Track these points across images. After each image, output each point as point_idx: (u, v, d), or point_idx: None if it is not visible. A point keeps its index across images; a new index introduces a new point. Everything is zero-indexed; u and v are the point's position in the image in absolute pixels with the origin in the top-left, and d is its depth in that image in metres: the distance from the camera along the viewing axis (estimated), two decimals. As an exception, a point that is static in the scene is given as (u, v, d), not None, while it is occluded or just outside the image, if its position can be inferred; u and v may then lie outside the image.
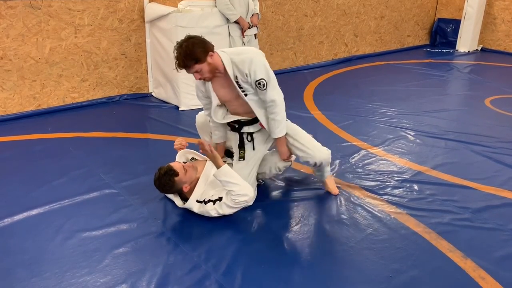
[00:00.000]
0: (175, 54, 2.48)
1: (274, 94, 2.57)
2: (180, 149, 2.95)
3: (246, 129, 2.76)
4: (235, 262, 2.25)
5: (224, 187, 2.54)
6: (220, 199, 2.55)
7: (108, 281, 2.11)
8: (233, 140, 2.85)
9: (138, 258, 2.27)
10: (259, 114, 2.66)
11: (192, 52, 2.42)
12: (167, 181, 2.55)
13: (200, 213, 2.60)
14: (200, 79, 2.55)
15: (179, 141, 2.97)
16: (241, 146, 2.78)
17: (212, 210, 2.55)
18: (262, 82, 2.51)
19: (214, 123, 2.84)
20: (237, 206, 2.55)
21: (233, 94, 2.65)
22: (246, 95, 2.60)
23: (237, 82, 2.57)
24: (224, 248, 2.36)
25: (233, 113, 2.76)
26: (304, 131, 2.80)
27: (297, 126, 2.82)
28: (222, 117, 2.78)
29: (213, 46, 2.52)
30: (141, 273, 2.16)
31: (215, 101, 2.69)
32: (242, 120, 2.76)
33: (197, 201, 2.59)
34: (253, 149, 2.78)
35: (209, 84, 2.65)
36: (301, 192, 2.96)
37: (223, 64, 2.53)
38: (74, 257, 2.27)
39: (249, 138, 2.78)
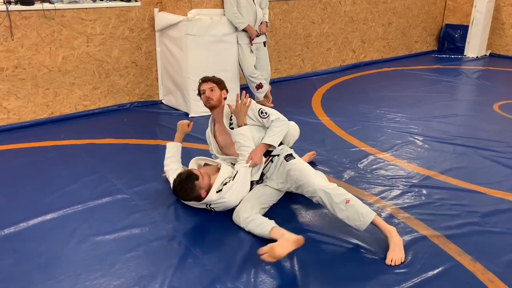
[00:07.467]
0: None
1: (278, 117, 2.84)
2: (184, 123, 3.15)
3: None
4: (246, 266, 2.29)
5: (238, 143, 2.76)
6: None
7: (121, 283, 2.15)
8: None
9: (150, 261, 2.31)
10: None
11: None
12: (190, 185, 2.56)
13: (218, 205, 2.65)
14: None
15: (181, 121, 3.18)
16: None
17: (235, 181, 2.65)
18: (262, 110, 2.83)
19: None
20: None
21: (231, 139, 2.87)
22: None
23: (230, 124, 2.85)
24: (234, 252, 2.39)
25: (230, 155, 2.96)
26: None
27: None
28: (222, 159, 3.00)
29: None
30: (153, 276, 2.20)
31: (214, 147, 3.00)
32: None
33: (217, 192, 2.62)
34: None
35: (209, 132, 3.02)
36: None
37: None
38: (88, 260, 2.32)
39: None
